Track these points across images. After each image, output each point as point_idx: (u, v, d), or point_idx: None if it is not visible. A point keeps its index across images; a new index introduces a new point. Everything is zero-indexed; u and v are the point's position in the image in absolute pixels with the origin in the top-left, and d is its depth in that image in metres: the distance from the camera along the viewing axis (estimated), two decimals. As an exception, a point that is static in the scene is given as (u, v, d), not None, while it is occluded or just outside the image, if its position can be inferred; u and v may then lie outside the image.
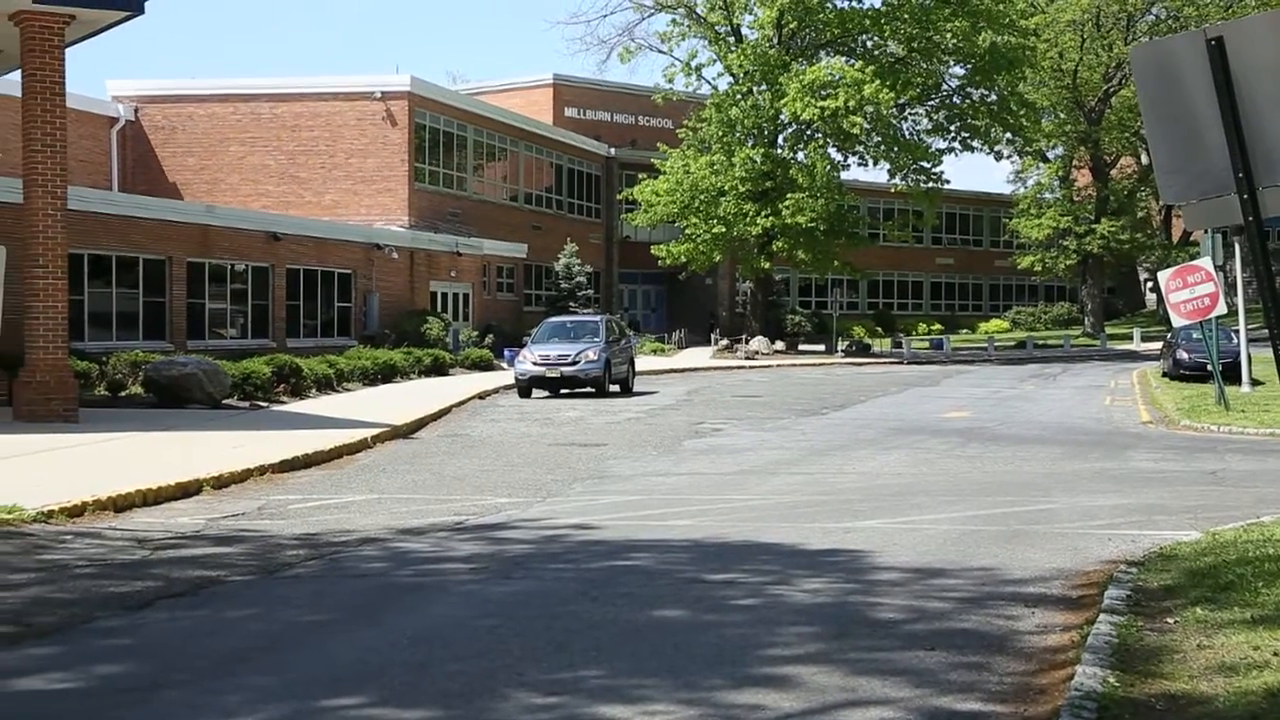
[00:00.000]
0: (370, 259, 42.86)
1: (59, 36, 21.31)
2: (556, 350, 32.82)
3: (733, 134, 52.72)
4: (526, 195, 58.47)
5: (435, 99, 50.82)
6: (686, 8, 55.24)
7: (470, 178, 53.70)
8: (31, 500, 12.99)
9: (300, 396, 28.57)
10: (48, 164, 21.33)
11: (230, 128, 49.10)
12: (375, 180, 48.06)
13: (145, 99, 49.65)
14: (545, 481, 16.58)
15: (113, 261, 32.26)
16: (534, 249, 54.96)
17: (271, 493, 15.38)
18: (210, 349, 32.39)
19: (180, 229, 34.57)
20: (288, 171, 48.64)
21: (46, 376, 21.36)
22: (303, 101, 48.65)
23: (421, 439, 22.24)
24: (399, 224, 46.91)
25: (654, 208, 53.74)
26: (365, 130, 48.18)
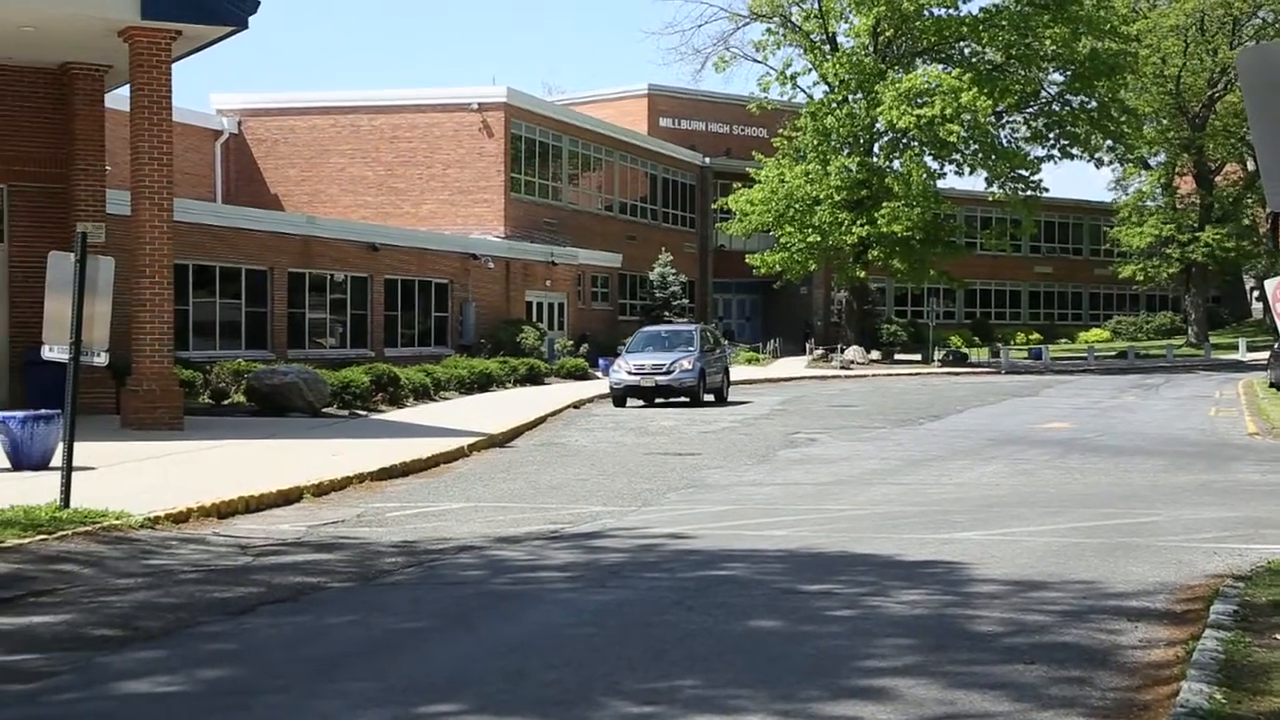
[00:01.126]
0: (467, 269, 43.24)
1: (166, 52, 21.76)
2: (651, 360, 32.85)
3: (828, 142, 52.47)
4: (621, 205, 58.64)
5: (531, 110, 51.14)
6: (782, 16, 55.12)
7: (565, 188, 53.96)
8: (139, 506, 13.26)
9: (398, 405, 28.88)
10: (155, 176, 21.77)
11: (331, 139, 49.82)
12: (472, 191, 48.47)
13: (248, 112, 50.53)
14: (640, 491, 16.60)
15: (216, 272, 32.86)
16: (629, 258, 55.10)
17: (370, 500, 15.56)
18: (310, 358, 32.85)
19: (282, 240, 35.13)
20: (386, 182, 49.22)
21: (152, 385, 21.78)
22: (401, 113, 49.22)
23: (517, 448, 22.37)
24: (495, 234, 47.26)
25: (749, 217, 53.62)
26: (462, 141, 48.62)
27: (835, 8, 53.66)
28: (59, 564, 10.94)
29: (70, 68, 24.49)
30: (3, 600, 9.58)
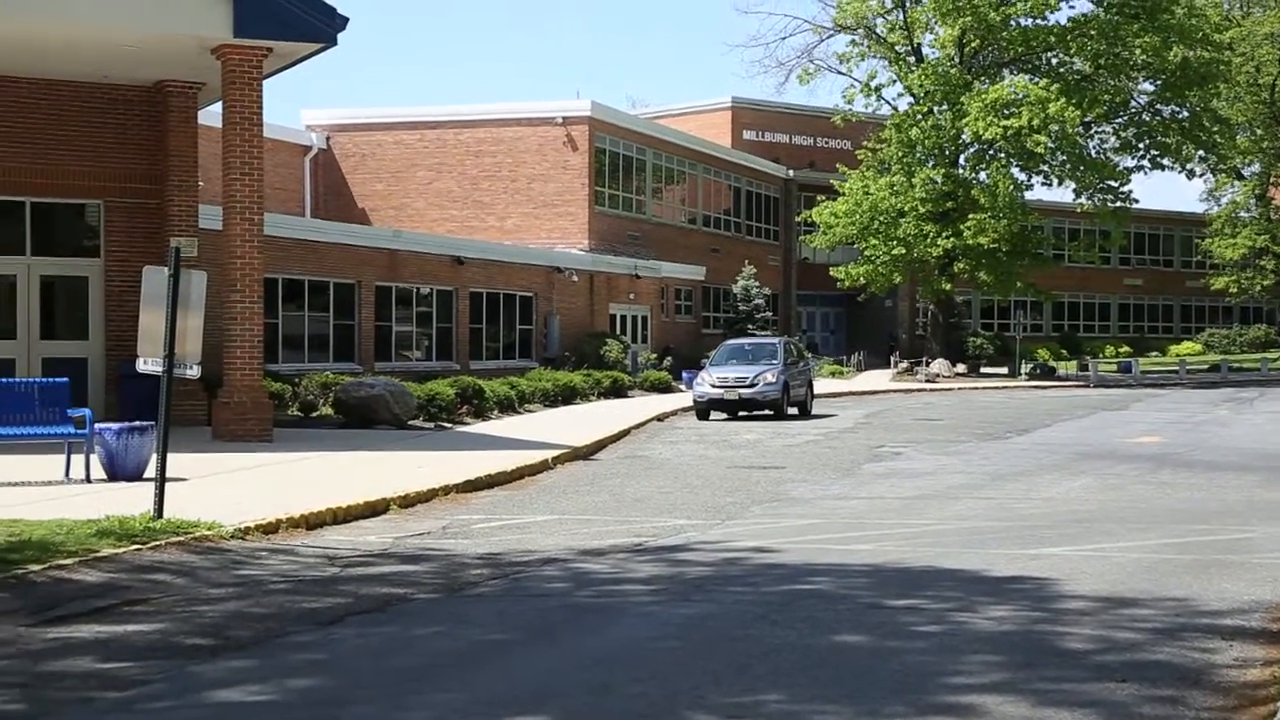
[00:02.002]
0: (551, 282, 43.45)
1: (257, 69, 22.11)
2: (734, 373, 32.80)
3: (913, 154, 52.14)
4: (705, 218, 58.64)
5: (615, 123, 51.31)
6: (866, 29, 54.88)
7: (649, 201, 54.07)
8: (229, 517, 13.46)
9: (483, 417, 29.07)
10: (246, 191, 22.11)
11: (417, 154, 50.32)
12: (556, 204, 48.71)
13: (337, 127, 51.19)
14: (724, 504, 16.58)
15: (305, 285, 33.30)
16: (712, 271, 55.07)
17: (455, 512, 15.67)
18: (396, 370, 33.17)
19: (369, 253, 35.53)
20: (471, 196, 49.62)
21: (243, 397, 22.10)
22: (486, 127, 49.60)
23: (601, 460, 22.43)
24: (579, 247, 47.45)
25: (833, 229, 53.40)
26: (546, 155, 48.88)
27: (920, 19, 53.36)
28: (152, 573, 11.14)
29: (165, 85, 24.96)
30: (99, 609, 9.77)
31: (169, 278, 13.34)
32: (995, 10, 51.04)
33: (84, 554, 11.37)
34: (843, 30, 55.88)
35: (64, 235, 25.63)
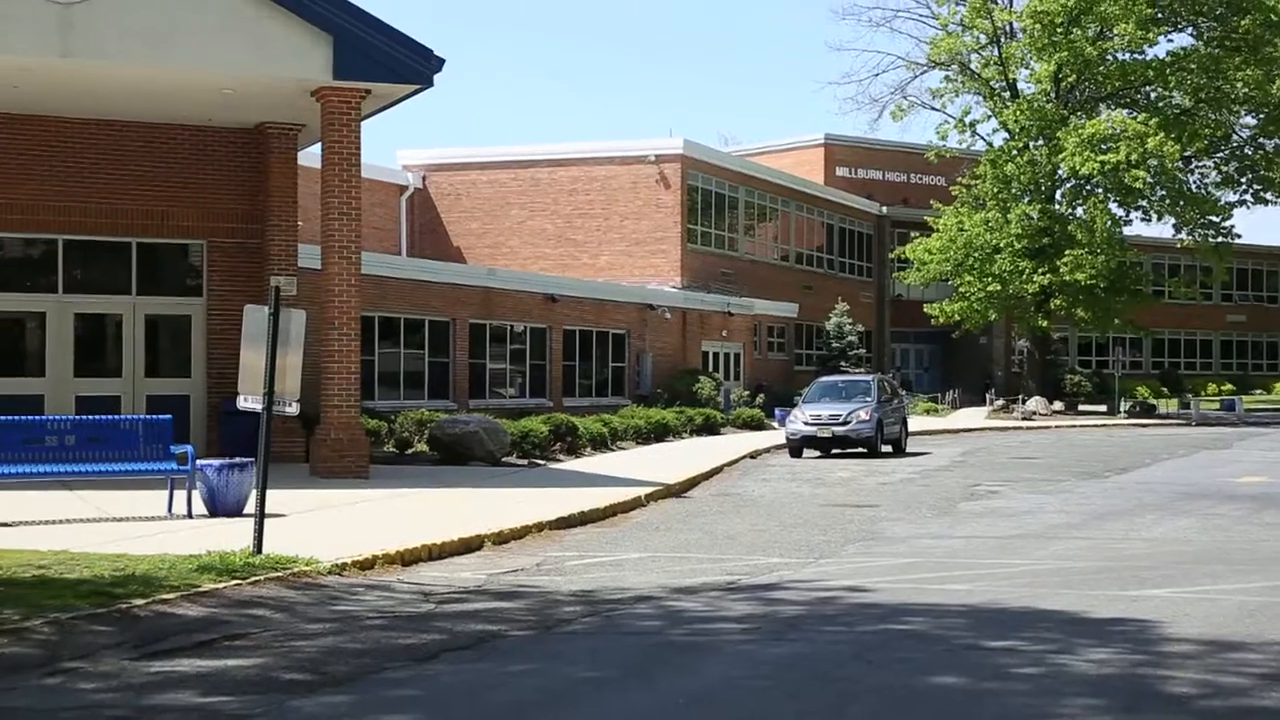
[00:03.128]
0: (644, 319, 43.56)
1: (356, 110, 22.47)
2: (828, 410, 32.65)
3: (1008, 190, 51.73)
4: (797, 255, 58.54)
5: (707, 161, 51.47)
6: (960, 64, 54.62)
7: (741, 238, 54.08)
8: (327, 553, 13.62)
9: (576, 455, 29.17)
10: (344, 231, 22.44)
11: (511, 193, 50.79)
12: (648, 242, 48.88)
13: (432, 167, 51.85)
14: (817, 542, 16.47)
15: (401, 323, 33.69)
16: (805, 308, 54.90)
17: (549, 549, 15.72)
18: (490, 407, 33.40)
19: (464, 292, 35.87)
20: (564, 234, 49.95)
21: (340, 434, 22.37)
22: (579, 166, 49.96)
23: (694, 498, 22.39)
24: (672, 285, 47.55)
25: (927, 266, 53.08)
26: (639, 193, 49.10)
27: (1016, 55, 52.99)
28: (251, 608, 11.29)
29: (266, 127, 25.46)
30: (199, 643, 9.92)
31: (269, 316, 13.57)
32: (1092, 45, 50.59)
33: (186, 588, 11.57)
34: (937, 66, 55.66)
35: (168, 275, 26.18)
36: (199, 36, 21.25)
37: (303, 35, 21.67)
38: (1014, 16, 53.09)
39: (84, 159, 24.92)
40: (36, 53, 20.52)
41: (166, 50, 21.18)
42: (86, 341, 25.52)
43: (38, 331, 25.15)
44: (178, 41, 21.14)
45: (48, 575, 11.93)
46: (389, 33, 22.12)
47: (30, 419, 18.37)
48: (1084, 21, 50.60)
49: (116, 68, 21.46)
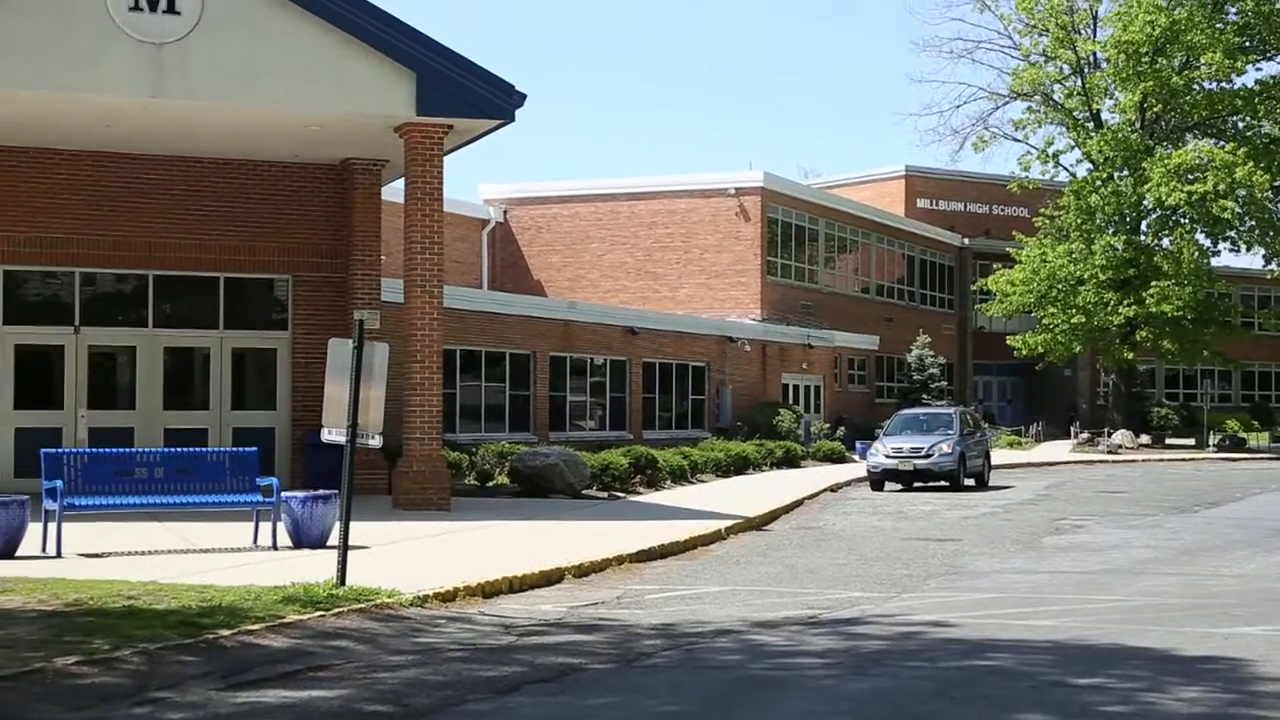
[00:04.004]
0: (723, 352, 43.53)
1: (438, 146, 22.72)
2: (909, 443, 32.44)
3: (1092, 221, 51.23)
4: (878, 287, 58.27)
5: (787, 193, 51.44)
6: (1043, 95, 54.25)
7: (821, 270, 53.94)
8: (409, 585, 13.70)
9: (655, 487, 29.16)
10: (427, 265, 22.66)
11: (591, 226, 51.05)
12: (728, 274, 48.89)
13: (513, 201, 52.26)
14: (899, 576, 16.33)
15: (482, 356, 33.92)
16: (886, 341, 54.60)
17: (629, 582, 15.72)
18: (571, 440, 33.49)
19: (544, 325, 36.06)
20: (644, 267, 50.09)
21: (422, 467, 22.52)
22: (659, 199, 50.12)
23: (774, 531, 22.30)
24: (751, 317, 47.50)
25: (1009, 298, 52.65)
26: (719, 225, 49.16)
27: (1100, 85, 52.55)
28: (335, 640, 11.39)
29: (350, 163, 25.81)
30: (285, 674, 10.02)
31: (353, 349, 13.72)
32: (1178, 74, 50.07)
33: (271, 620, 11.69)
34: (1019, 97, 55.34)
35: (254, 309, 26.56)
36: (286, 75, 21.62)
37: (386, 72, 21.97)
38: (1098, 46, 52.66)
39: (173, 196, 25.39)
40: (129, 93, 20.98)
41: (254, 89, 21.56)
42: (175, 375, 25.95)
43: (128, 365, 25.61)
44: (265, 80, 21.53)
45: (137, 605, 12.12)
46: (471, 69, 22.37)
47: (121, 451, 18.68)
48: (1170, 51, 50.12)
49: (206, 106, 21.87)
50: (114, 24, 20.43)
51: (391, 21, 21.85)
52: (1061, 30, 52.48)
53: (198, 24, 20.79)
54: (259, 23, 21.34)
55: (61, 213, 24.62)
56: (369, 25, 21.69)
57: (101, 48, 20.51)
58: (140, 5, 20.50)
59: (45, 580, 13.54)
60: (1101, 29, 53.38)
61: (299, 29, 21.49)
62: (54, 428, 24.40)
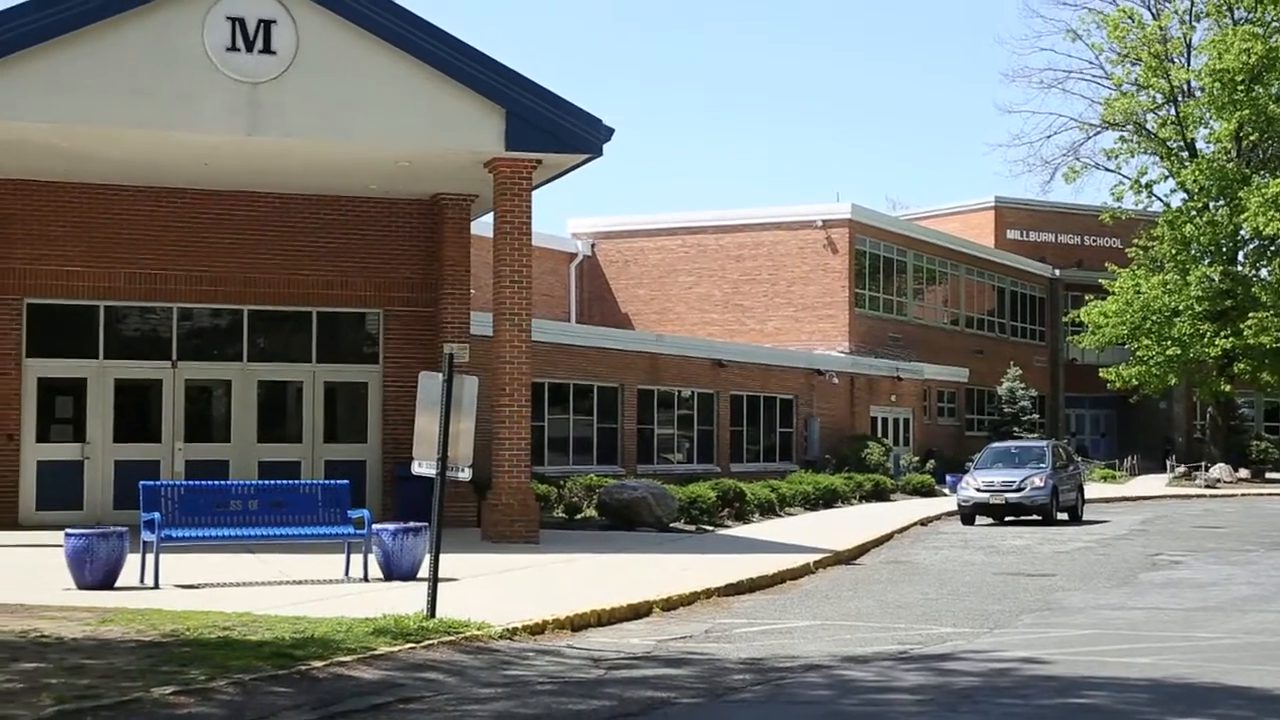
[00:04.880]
0: (811, 384, 43.35)
1: (527, 180, 22.91)
2: (1000, 476, 32.10)
3: (1187, 251, 50.48)
4: (967, 319, 57.79)
5: (875, 225, 51.24)
6: (1136, 124, 53.62)
7: (910, 302, 53.62)
8: (498, 617, 13.75)
9: (743, 520, 29.05)
10: (515, 299, 22.81)
11: (678, 259, 51.16)
12: (816, 307, 48.75)
13: (601, 235, 52.53)
14: (991, 611, 16.12)
15: (570, 389, 34.06)
16: (975, 373, 54.08)
17: (717, 616, 15.66)
18: (658, 473, 33.49)
19: (632, 358, 36.15)
20: (731, 300, 50.08)
21: (511, 499, 22.62)
22: (746, 231, 50.14)
23: (863, 565, 22.12)
24: (839, 349, 47.30)
25: (1102, 330, 51.98)
26: (806, 258, 49.06)
27: (1194, 114, 51.83)
28: (425, 672, 11.45)
29: (440, 198, 26.09)
30: (374, 706, 10.09)
31: (443, 383, 13.84)
32: (1275, 103, 49.25)
33: (362, 651, 11.79)
34: (1111, 127, 54.73)
35: (346, 343, 26.89)
36: (378, 111, 21.94)
37: (476, 108, 22.22)
38: (1192, 75, 51.97)
39: (267, 232, 25.83)
40: (226, 131, 21.41)
41: (347, 125, 21.91)
42: (269, 408, 26.33)
43: (224, 399, 26.04)
44: (357, 117, 21.86)
45: (231, 636, 12.28)
46: (559, 104, 22.56)
47: (216, 484, 18.97)
48: (1266, 79, 49.39)
49: (300, 143, 22.24)
50: (212, 64, 20.88)
51: (481, 58, 22.12)
52: (1154, 59, 51.88)
53: (292, 63, 21.19)
54: (352, 61, 21.69)
55: (160, 249, 25.14)
56: (459, 62, 21.97)
57: (200, 87, 20.96)
58: (237, 45, 20.94)
59: (143, 611, 13.77)
60: (1196, 57, 52.76)
61: (390, 66, 21.82)
62: (152, 460, 24.85)
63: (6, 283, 24.36)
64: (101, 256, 24.84)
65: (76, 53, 20.49)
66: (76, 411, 25.05)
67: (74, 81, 20.54)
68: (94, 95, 20.68)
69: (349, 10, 21.48)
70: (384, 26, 21.61)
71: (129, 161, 23.43)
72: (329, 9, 21.41)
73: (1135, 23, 52.73)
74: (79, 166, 23.68)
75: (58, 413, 25.05)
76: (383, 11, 21.62)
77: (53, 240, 24.65)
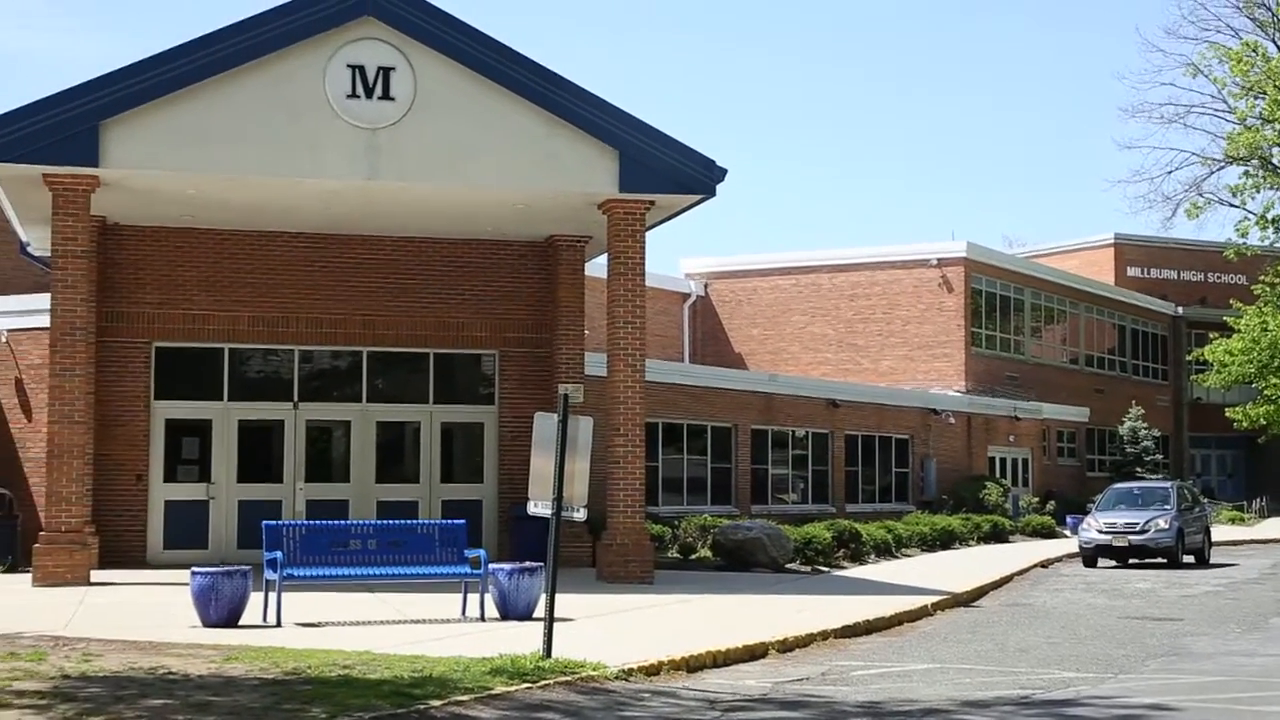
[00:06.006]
0: (927, 424, 42.91)
1: (640, 221, 23.03)
2: (1123, 518, 31.50)
3: (1318, 288, 49.19)
4: (1087, 357, 56.85)
5: (991, 263, 50.71)
6: (1261, 159, 52.42)
7: (1028, 340, 52.90)
8: (613, 658, 13.75)
9: (859, 562, 28.78)
10: (629, 340, 22.91)
11: (792, 299, 51.04)
12: (931, 346, 48.31)
13: (714, 275, 52.59)
14: (1116, 656, 15.78)
15: (684, 429, 34.06)
16: (1096, 412, 53.13)
17: (834, 658, 15.52)
18: (772, 513, 33.33)
19: (745, 398, 36.08)
20: (845, 339, 49.82)
21: (625, 540, 22.65)
22: (860, 271, 49.90)
23: (982, 607, 21.79)
24: (955, 389, 46.80)
25: (1228, 368, 50.79)
26: (921, 297, 48.69)
27: (1323, 148, 50.60)
28: (541, 712, 11.49)
29: (555, 240, 26.33)
30: (492, 743, 10.14)
31: (558, 423, 13.93)
32: None
33: (479, 691, 11.87)
34: (1235, 162, 53.59)
35: (462, 384, 27.19)
36: (493, 155, 22.26)
37: (590, 150, 22.44)
38: (1319, 108, 50.72)
39: (385, 274, 26.24)
40: (346, 176, 21.86)
41: (463, 169, 22.25)
42: (387, 448, 26.68)
43: (343, 439, 26.45)
44: (474, 161, 22.20)
45: (352, 675, 12.43)
46: (673, 145, 22.68)
47: (336, 524, 19.24)
48: (1396, 110, 48.08)
49: (418, 187, 22.63)
50: (333, 111, 21.37)
51: (595, 101, 22.34)
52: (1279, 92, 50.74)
53: (410, 108, 21.61)
54: (468, 105, 22.05)
55: (281, 292, 25.67)
56: (573, 105, 22.22)
57: (322, 134, 21.45)
58: (358, 92, 21.41)
59: (266, 648, 14.01)
60: (1322, 89, 51.46)
61: (506, 110, 22.13)
62: (274, 500, 25.28)
63: (136, 326, 25.03)
64: (226, 300, 25.42)
65: (204, 103, 21.13)
66: (202, 452, 25.61)
67: (202, 131, 21.16)
68: (221, 144, 21.26)
69: (465, 55, 21.85)
70: (499, 71, 21.94)
71: (253, 207, 24.00)
72: (446, 55, 21.81)
73: (1259, 56, 51.64)
74: (205, 213, 24.31)
75: (184, 453, 25.63)
76: (498, 56, 21.96)
77: (180, 285, 25.30)
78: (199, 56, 20.91)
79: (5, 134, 20.47)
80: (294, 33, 21.29)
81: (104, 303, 24.61)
